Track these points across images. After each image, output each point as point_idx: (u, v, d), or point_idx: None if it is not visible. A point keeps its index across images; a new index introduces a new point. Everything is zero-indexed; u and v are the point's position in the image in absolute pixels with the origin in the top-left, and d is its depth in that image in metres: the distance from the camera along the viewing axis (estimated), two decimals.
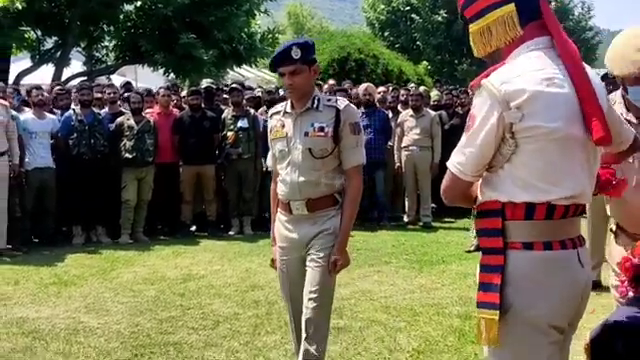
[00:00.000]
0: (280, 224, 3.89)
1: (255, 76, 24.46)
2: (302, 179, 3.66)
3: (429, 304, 6.10)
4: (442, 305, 6.05)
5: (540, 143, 2.18)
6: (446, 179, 2.36)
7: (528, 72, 2.21)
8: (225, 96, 10.55)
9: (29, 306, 6.16)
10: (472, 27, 2.41)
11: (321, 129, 3.63)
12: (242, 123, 9.72)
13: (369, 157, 4.72)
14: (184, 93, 11.00)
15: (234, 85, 10.82)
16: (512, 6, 2.29)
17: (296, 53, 3.54)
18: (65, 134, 8.97)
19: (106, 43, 17.34)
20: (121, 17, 16.06)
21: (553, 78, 2.22)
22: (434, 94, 12.42)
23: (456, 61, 32.40)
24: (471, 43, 2.44)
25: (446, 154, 9.61)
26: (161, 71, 17.22)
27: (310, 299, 3.65)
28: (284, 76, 3.66)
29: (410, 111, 10.42)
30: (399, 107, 10.88)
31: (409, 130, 10.34)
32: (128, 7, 16.15)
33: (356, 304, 6.28)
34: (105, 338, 5.32)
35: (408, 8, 32.59)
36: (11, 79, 14.63)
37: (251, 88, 11.81)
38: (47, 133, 8.89)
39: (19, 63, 17.53)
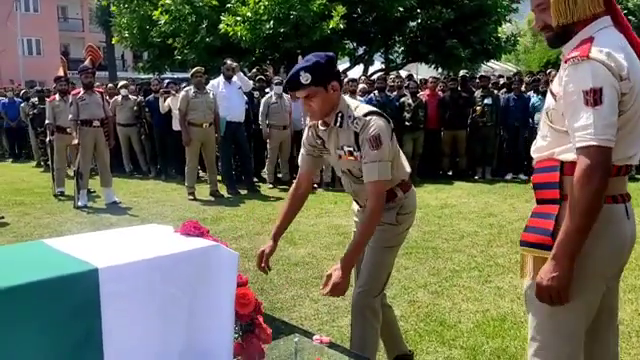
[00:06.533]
0: (354, 208, 2.77)
1: (500, 67, 23.07)
2: (355, 186, 2.59)
3: None
4: None
5: (630, 112, 1.66)
6: (593, 156, 1.60)
7: (622, 47, 1.67)
8: (477, 81, 10.17)
9: (342, 217, 6.49)
10: None
11: (350, 153, 2.45)
12: (488, 100, 9.31)
13: None
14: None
15: (483, 74, 10.38)
16: None
17: (305, 78, 2.34)
18: None
19: (397, 49, 17.46)
20: (407, 31, 16.05)
21: (632, 53, 1.69)
22: None
23: None
24: (551, 10, 1.73)
25: None
26: (432, 66, 17.00)
27: (360, 279, 2.63)
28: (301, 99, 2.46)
29: None
30: None
31: None
32: (412, 23, 16.09)
33: None
34: None
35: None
36: None
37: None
38: None
39: (341, 65, 18.43)
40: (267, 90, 9.27)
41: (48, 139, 8.39)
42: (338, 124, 2.46)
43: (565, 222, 1.66)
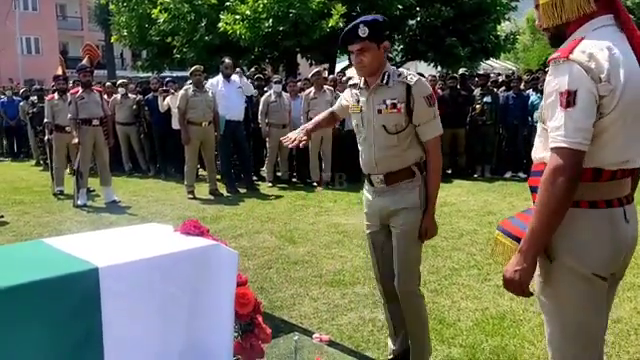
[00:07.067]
0: (366, 192, 2.86)
1: (499, 65, 23.09)
2: (378, 155, 2.67)
3: None
4: None
5: (613, 115, 1.60)
6: (562, 158, 1.59)
7: (609, 48, 1.60)
8: (476, 79, 10.16)
9: (342, 216, 6.51)
10: None
11: (394, 105, 2.60)
12: (487, 99, 9.31)
13: None
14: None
15: (482, 72, 10.37)
16: None
17: (363, 31, 2.51)
18: None
19: (396, 47, 17.44)
20: (406, 29, 16.04)
21: (628, 54, 1.64)
22: None
23: None
24: (540, 13, 1.74)
25: None
26: (432, 64, 16.99)
27: (399, 271, 2.72)
28: (352, 53, 2.61)
29: None
30: None
31: None
32: (411, 22, 16.07)
33: None
34: None
35: None
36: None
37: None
38: None
39: (341, 64, 18.43)
40: (265, 89, 9.27)
41: (47, 138, 8.39)
42: (385, 82, 2.63)
43: (531, 220, 1.68)
